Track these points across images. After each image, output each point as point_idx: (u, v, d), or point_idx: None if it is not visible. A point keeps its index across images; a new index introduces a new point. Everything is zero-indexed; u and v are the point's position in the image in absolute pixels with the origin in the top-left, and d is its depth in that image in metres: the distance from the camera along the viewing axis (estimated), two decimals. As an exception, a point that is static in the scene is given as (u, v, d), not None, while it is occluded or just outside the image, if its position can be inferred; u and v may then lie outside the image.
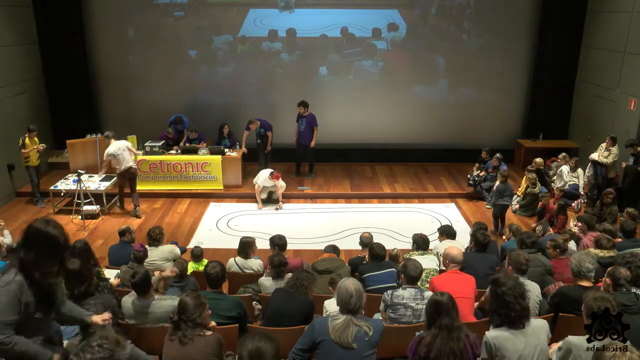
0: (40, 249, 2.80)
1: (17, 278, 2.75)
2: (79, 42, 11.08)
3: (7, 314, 2.70)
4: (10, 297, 2.71)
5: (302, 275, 4.35)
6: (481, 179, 9.90)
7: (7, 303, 2.71)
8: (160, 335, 3.59)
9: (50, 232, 2.81)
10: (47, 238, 2.81)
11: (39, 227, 2.81)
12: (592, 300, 3.18)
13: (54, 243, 2.82)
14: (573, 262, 4.26)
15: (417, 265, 4.32)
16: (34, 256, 2.78)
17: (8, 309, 2.71)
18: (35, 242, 2.81)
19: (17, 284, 2.74)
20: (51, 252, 2.83)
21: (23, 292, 2.75)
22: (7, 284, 2.73)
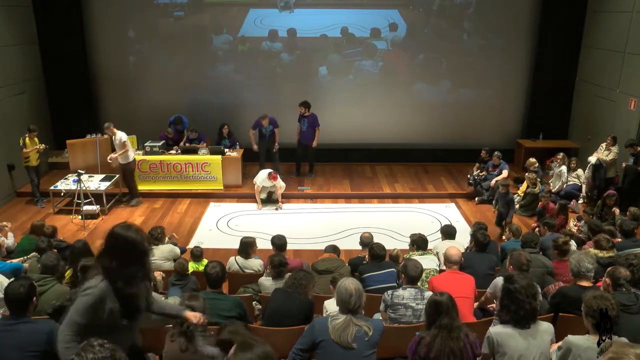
0: (123, 255, 2.75)
1: (101, 284, 2.71)
2: (79, 42, 11.08)
3: (76, 313, 2.66)
4: (87, 301, 2.66)
5: (300, 275, 4.35)
6: (481, 179, 9.90)
7: (81, 305, 2.67)
8: (160, 335, 3.59)
9: (131, 237, 2.77)
10: (129, 243, 2.76)
11: (120, 232, 2.77)
12: (591, 300, 3.19)
13: (136, 248, 2.78)
14: (572, 262, 4.27)
15: (418, 265, 4.33)
16: (117, 263, 2.74)
17: (81, 312, 2.66)
18: (118, 249, 2.75)
19: (100, 289, 2.69)
20: (135, 257, 2.78)
21: (107, 298, 2.70)
22: (89, 289, 2.69)
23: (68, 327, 2.68)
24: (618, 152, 9.09)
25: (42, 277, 4.54)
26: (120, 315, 2.78)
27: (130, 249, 2.77)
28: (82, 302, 2.68)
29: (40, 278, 4.49)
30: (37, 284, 3.95)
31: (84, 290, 2.71)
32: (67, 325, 2.69)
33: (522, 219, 9.00)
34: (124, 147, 9.24)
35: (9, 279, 4.88)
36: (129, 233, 2.77)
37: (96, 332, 2.60)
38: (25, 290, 3.45)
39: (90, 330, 2.65)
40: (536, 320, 3.34)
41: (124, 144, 9.22)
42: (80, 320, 2.66)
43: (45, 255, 4.80)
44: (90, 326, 2.68)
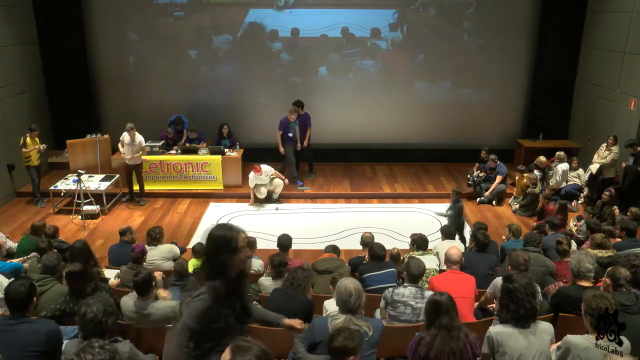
0: (219, 255, 2.72)
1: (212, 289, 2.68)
2: (79, 42, 11.08)
3: (189, 318, 2.63)
4: (200, 306, 2.64)
5: (297, 275, 4.34)
6: (481, 179, 9.90)
7: (194, 310, 2.64)
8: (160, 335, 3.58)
9: (225, 235, 2.75)
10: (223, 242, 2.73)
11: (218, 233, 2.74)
12: (591, 299, 3.20)
13: (229, 245, 2.74)
14: (572, 262, 4.26)
15: (420, 264, 4.34)
16: (216, 264, 2.72)
17: (194, 317, 2.63)
18: (215, 250, 2.73)
19: (211, 295, 2.67)
20: (228, 255, 2.75)
21: (220, 303, 2.68)
22: (202, 294, 2.66)
23: (182, 332, 2.63)
24: (618, 152, 9.09)
25: (42, 277, 4.54)
26: (233, 318, 2.75)
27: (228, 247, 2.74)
28: (195, 308, 2.64)
29: (40, 278, 4.49)
30: (37, 284, 3.95)
31: (197, 295, 2.67)
32: (181, 330, 2.64)
33: (522, 219, 9.01)
34: (143, 151, 9.49)
35: (9, 279, 4.88)
36: (223, 232, 2.75)
37: (210, 337, 2.63)
38: (25, 290, 3.45)
39: (204, 336, 2.64)
40: (536, 320, 3.35)
41: (143, 148, 9.48)
42: (193, 326, 2.62)
43: (46, 256, 4.80)
44: (204, 331, 2.65)
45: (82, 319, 3.17)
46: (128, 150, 9.33)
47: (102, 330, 3.15)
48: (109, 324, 3.21)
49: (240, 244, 2.76)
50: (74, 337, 3.75)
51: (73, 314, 3.99)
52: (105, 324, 3.18)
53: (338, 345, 2.92)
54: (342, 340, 2.93)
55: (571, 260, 4.31)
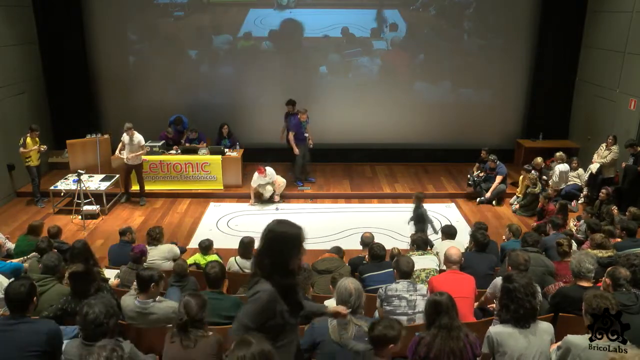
0: (282, 251, 2.69)
1: (268, 287, 2.65)
2: (79, 42, 11.08)
3: (247, 318, 2.61)
4: (258, 305, 2.62)
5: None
6: (481, 179, 9.90)
7: (253, 309, 2.62)
8: (160, 335, 3.59)
9: (291, 232, 2.72)
10: (287, 239, 2.71)
11: (278, 229, 2.71)
12: (591, 298, 3.20)
13: (294, 242, 2.72)
14: (573, 262, 4.26)
15: (409, 261, 4.43)
16: (277, 260, 2.69)
17: (251, 316, 2.62)
18: (277, 246, 2.70)
19: (269, 293, 2.64)
20: (293, 252, 2.74)
21: (274, 300, 2.65)
22: (258, 292, 2.64)
23: (240, 332, 2.61)
24: (618, 152, 9.09)
25: (43, 277, 4.54)
26: (288, 314, 2.74)
27: (289, 245, 2.72)
28: (252, 307, 2.62)
29: (40, 278, 4.49)
30: (37, 284, 3.95)
31: (253, 294, 2.65)
32: (239, 330, 2.62)
33: (522, 219, 9.01)
34: (142, 150, 9.49)
35: (9, 279, 4.88)
36: (286, 228, 2.72)
37: (267, 334, 2.56)
38: (26, 290, 3.45)
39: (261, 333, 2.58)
40: (536, 320, 3.35)
41: (142, 147, 9.47)
42: (251, 325, 2.60)
43: (47, 256, 4.80)
44: (261, 329, 2.62)
45: (84, 319, 3.16)
46: (128, 150, 9.33)
47: (103, 332, 3.15)
48: (110, 326, 3.21)
49: (303, 240, 2.75)
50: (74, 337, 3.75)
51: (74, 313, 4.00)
52: (107, 325, 3.17)
53: (377, 333, 2.92)
54: (382, 329, 2.93)
55: (572, 261, 4.31)
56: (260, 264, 2.73)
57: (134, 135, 9.32)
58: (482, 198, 9.75)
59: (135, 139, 9.35)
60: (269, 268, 2.69)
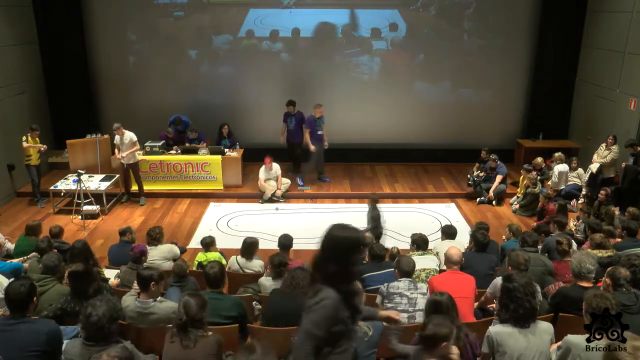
0: (346, 257, 2.66)
1: (332, 294, 2.59)
2: (79, 42, 11.08)
3: (314, 327, 2.56)
4: (324, 312, 2.57)
5: (297, 274, 4.34)
6: (481, 179, 9.90)
7: (319, 317, 2.57)
8: (160, 335, 3.59)
9: (353, 236, 2.67)
10: (351, 244, 2.66)
11: (340, 234, 2.66)
12: (591, 298, 3.20)
13: (357, 247, 2.68)
14: (574, 262, 4.26)
15: (410, 261, 4.48)
16: (341, 266, 2.65)
17: (319, 324, 2.57)
18: (340, 252, 2.65)
19: (333, 299, 2.59)
20: (356, 257, 2.70)
21: (339, 307, 2.61)
22: (323, 300, 2.59)
23: (306, 342, 2.56)
24: (618, 151, 9.10)
25: (43, 277, 4.54)
26: (350, 320, 2.71)
27: (355, 249, 2.68)
28: (318, 315, 2.57)
29: (40, 278, 4.50)
30: (37, 284, 3.95)
31: (318, 302, 2.59)
32: (306, 340, 2.57)
33: (522, 219, 9.01)
34: (135, 146, 9.39)
35: (9, 279, 4.88)
36: (349, 233, 2.67)
37: (330, 341, 2.58)
38: (26, 289, 3.45)
39: (325, 340, 2.59)
40: (536, 320, 3.35)
41: (134, 143, 9.37)
42: (318, 333, 2.56)
43: (47, 256, 4.80)
44: (326, 336, 2.59)
45: (87, 320, 3.16)
46: (122, 150, 9.32)
47: (105, 335, 3.15)
48: (112, 329, 3.20)
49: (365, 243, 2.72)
50: (74, 337, 3.75)
51: (74, 313, 4.00)
52: (108, 329, 3.17)
53: (429, 332, 2.89)
54: (433, 328, 2.90)
55: (572, 261, 4.31)
56: (321, 270, 2.67)
57: (124, 135, 9.26)
58: (482, 198, 9.75)
59: (127, 138, 9.27)
60: (333, 274, 2.64)
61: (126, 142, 9.30)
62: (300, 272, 4.39)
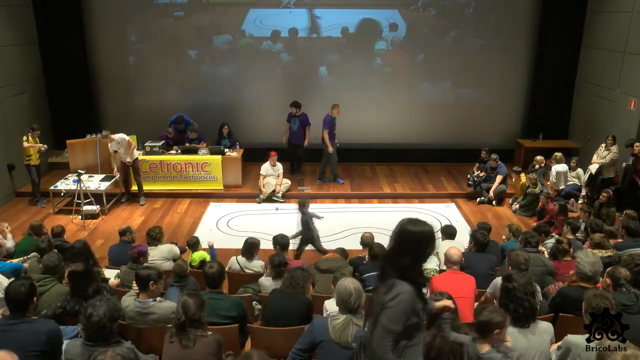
0: (419, 250, 2.68)
1: (407, 287, 2.62)
2: (79, 42, 11.08)
3: (393, 322, 2.58)
4: (402, 307, 2.59)
5: (296, 274, 4.35)
6: (481, 179, 9.90)
7: (397, 313, 2.59)
8: (160, 335, 3.59)
9: (426, 230, 2.68)
10: (425, 237, 2.67)
11: (414, 229, 2.67)
12: (591, 298, 3.20)
13: (430, 240, 2.70)
14: (587, 267, 4.15)
15: None
16: (415, 260, 2.67)
17: (395, 320, 2.59)
18: (414, 245, 2.68)
19: (409, 293, 2.61)
20: (429, 250, 2.73)
21: (414, 300, 2.64)
22: (399, 295, 2.60)
23: (385, 338, 2.58)
24: (618, 151, 9.09)
25: (43, 277, 4.55)
26: (422, 312, 2.74)
27: (429, 242, 2.70)
28: (396, 310, 2.59)
29: (40, 278, 4.50)
30: (37, 284, 3.95)
31: (394, 297, 2.60)
32: (384, 336, 2.59)
33: (522, 219, 9.01)
34: (130, 146, 9.38)
35: (9, 279, 4.89)
36: (422, 227, 2.67)
37: (406, 334, 2.61)
38: (26, 290, 3.45)
39: (401, 335, 2.61)
40: (536, 320, 3.35)
41: (129, 142, 9.35)
42: (397, 328, 2.58)
43: (47, 256, 4.80)
44: (403, 330, 2.62)
45: (88, 320, 3.15)
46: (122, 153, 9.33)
47: (105, 335, 3.15)
48: (113, 329, 3.21)
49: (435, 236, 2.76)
50: (74, 337, 3.76)
51: (74, 313, 4.00)
52: (110, 329, 3.17)
53: (484, 319, 2.98)
54: (488, 315, 2.98)
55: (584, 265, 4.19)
56: (395, 264, 2.67)
57: (114, 140, 9.21)
58: (482, 198, 9.75)
59: (119, 140, 9.23)
60: (407, 268, 2.66)
61: (123, 144, 9.28)
62: (300, 272, 4.40)
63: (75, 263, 4.49)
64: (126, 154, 9.34)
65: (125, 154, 9.33)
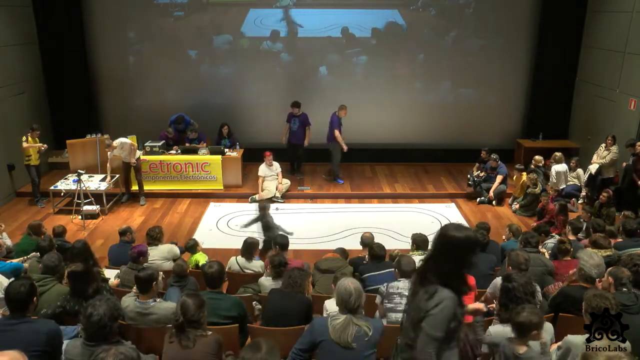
0: (463, 257, 2.66)
1: (449, 294, 2.62)
2: (79, 42, 11.08)
3: (436, 330, 2.59)
4: (445, 314, 2.60)
5: (295, 274, 4.35)
6: (481, 179, 9.90)
7: (440, 320, 2.59)
8: (160, 335, 3.59)
9: (471, 236, 2.68)
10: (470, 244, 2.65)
11: (458, 235, 2.64)
12: (591, 298, 3.20)
13: (475, 246, 2.69)
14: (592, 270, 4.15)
15: (411, 261, 4.46)
16: (459, 266, 2.66)
17: (438, 326, 2.59)
18: (458, 252, 2.64)
19: (452, 299, 2.62)
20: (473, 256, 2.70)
21: (456, 307, 2.64)
22: (443, 301, 2.61)
23: (429, 345, 2.59)
24: (618, 152, 9.09)
25: (43, 277, 4.55)
26: (461, 317, 2.73)
27: (473, 248, 2.69)
28: (439, 317, 2.60)
29: (40, 278, 4.50)
30: (37, 284, 3.95)
31: (437, 304, 2.60)
32: (428, 343, 2.60)
33: (522, 219, 9.01)
34: (132, 147, 9.39)
35: (9, 279, 4.88)
36: (466, 233, 2.66)
37: (448, 338, 2.62)
38: (26, 290, 3.45)
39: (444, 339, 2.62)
40: None
41: (130, 145, 9.37)
42: (440, 335, 2.60)
43: (47, 256, 4.81)
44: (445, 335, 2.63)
45: (88, 320, 3.15)
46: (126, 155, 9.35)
47: (106, 334, 3.15)
48: (113, 328, 3.20)
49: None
50: (74, 337, 3.76)
51: (74, 313, 4.00)
52: (110, 328, 3.17)
53: (523, 319, 3.05)
54: (527, 315, 3.06)
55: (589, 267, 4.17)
56: (437, 271, 2.66)
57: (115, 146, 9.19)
58: (482, 198, 9.75)
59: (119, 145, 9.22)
60: (449, 274, 2.65)
61: (125, 148, 9.27)
62: (298, 272, 4.40)
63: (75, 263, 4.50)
64: (129, 156, 9.33)
65: (129, 155, 9.33)
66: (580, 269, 4.21)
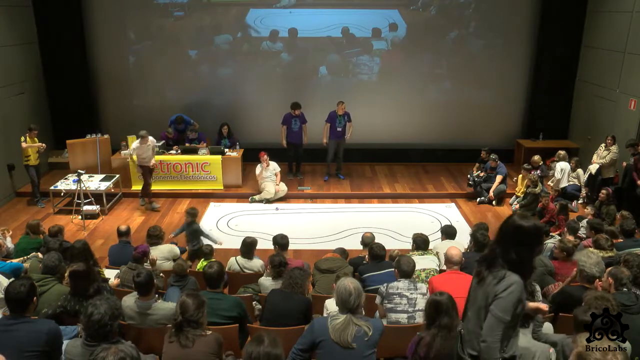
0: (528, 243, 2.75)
1: (517, 279, 2.71)
2: (79, 42, 11.08)
3: (505, 312, 2.68)
4: (514, 298, 2.69)
5: (295, 274, 4.35)
6: (481, 179, 9.90)
7: (508, 303, 2.68)
8: (160, 335, 3.59)
9: (538, 225, 2.79)
10: (538, 232, 2.77)
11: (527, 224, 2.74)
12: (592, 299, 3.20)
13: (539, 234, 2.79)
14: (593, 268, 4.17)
15: (410, 261, 4.47)
16: (525, 252, 2.75)
17: (509, 309, 2.68)
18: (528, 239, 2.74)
19: (520, 284, 2.71)
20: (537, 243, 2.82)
21: (523, 292, 2.74)
22: (511, 285, 2.69)
23: (497, 328, 2.69)
24: (618, 151, 9.09)
25: (43, 277, 4.55)
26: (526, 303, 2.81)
27: (539, 237, 2.80)
28: (508, 300, 2.69)
29: (40, 278, 4.50)
30: (37, 284, 3.95)
31: (506, 288, 2.69)
32: (496, 326, 2.69)
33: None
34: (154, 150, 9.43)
35: (9, 279, 4.88)
36: (534, 222, 2.77)
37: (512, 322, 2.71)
38: (26, 289, 3.45)
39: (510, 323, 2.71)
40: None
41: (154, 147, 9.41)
42: (508, 318, 2.69)
43: (48, 255, 4.80)
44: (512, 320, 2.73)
45: (88, 319, 3.15)
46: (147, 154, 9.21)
47: (106, 333, 3.15)
48: (114, 328, 3.21)
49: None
50: (74, 337, 3.76)
51: (74, 313, 4.00)
52: (110, 327, 3.17)
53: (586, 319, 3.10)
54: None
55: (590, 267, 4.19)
56: (507, 257, 2.76)
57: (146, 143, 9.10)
58: (482, 198, 9.75)
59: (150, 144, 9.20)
60: (518, 260, 2.74)
61: (151, 147, 9.24)
62: (298, 272, 4.40)
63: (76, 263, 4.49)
64: (151, 157, 9.27)
65: (151, 157, 9.27)
66: (581, 270, 4.21)
